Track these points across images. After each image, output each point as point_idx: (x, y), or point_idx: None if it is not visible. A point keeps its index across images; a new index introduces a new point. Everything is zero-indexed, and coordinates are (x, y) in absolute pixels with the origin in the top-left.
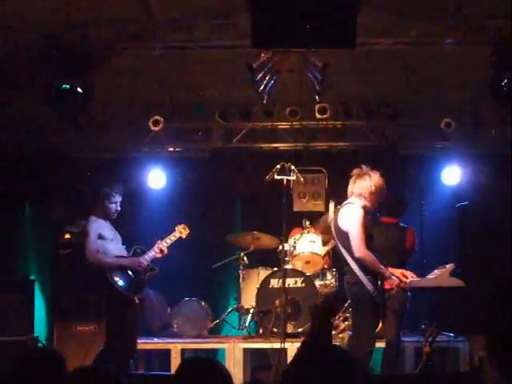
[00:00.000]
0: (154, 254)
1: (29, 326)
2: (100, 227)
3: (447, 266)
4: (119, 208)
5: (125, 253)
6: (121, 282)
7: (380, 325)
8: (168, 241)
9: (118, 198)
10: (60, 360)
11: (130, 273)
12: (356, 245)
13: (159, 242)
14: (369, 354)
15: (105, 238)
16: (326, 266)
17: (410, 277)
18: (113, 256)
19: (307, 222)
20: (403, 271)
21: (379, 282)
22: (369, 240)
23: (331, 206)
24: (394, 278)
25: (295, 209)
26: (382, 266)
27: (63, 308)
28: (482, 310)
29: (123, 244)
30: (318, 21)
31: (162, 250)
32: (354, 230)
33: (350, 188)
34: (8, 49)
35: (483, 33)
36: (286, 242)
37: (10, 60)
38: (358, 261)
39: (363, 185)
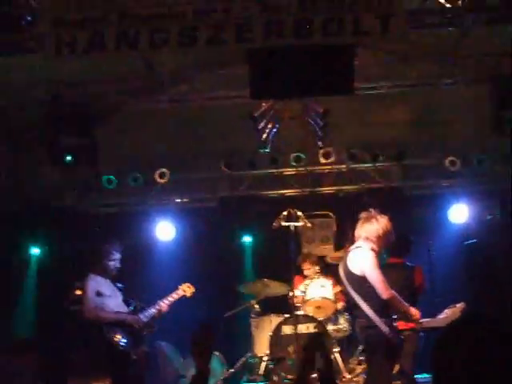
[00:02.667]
0: (153, 311)
1: None
2: (98, 284)
3: (457, 305)
4: (118, 265)
5: (124, 309)
6: (119, 338)
7: (397, 367)
8: (170, 299)
9: (117, 256)
10: None
11: (127, 329)
12: (381, 287)
13: (160, 300)
14: None
15: (103, 295)
16: (341, 305)
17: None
18: (111, 311)
19: (316, 267)
20: (416, 311)
21: (394, 324)
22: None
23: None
24: (417, 312)
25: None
26: (407, 304)
27: (77, 364)
28: None
29: (131, 298)
30: (315, 69)
31: (162, 308)
32: (373, 273)
33: (357, 231)
34: (13, 109)
35: (482, 71)
36: (292, 290)
37: (15, 120)
38: (372, 304)
39: (370, 228)
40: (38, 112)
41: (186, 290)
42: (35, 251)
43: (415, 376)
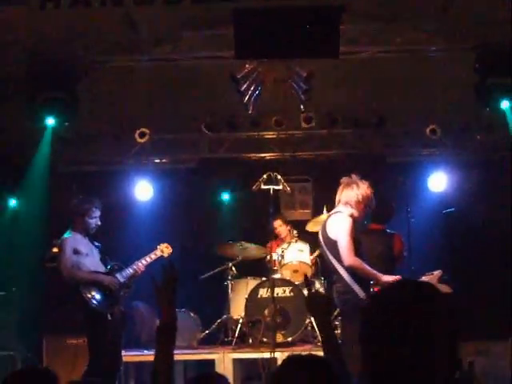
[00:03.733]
0: (131, 271)
1: (15, 340)
2: (76, 242)
3: (435, 272)
4: (99, 223)
5: (102, 268)
6: (95, 298)
7: None
8: (147, 259)
9: (98, 213)
10: (54, 378)
11: (104, 289)
12: (345, 253)
13: (137, 260)
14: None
15: (80, 253)
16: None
17: None
18: (88, 271)
19: (295, 231)
20: (394, 277)
21: (371, 290)
22: (357, 247)
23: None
24: (389, 278)
25: None
26: (374, 271)
27: (52, 321)
28: (469, 315)
29: (107, 256)
30: (301, 31)
31: (139, 268)
32: (343, 238)
33: (337, 196)
34: None
35: (467, 39)
36: (270, 253)
37: None
38: (348, 269)
39: (350, 194)
40: (17, 67)
41: (164, 250)
42: (12, 202)
43: None
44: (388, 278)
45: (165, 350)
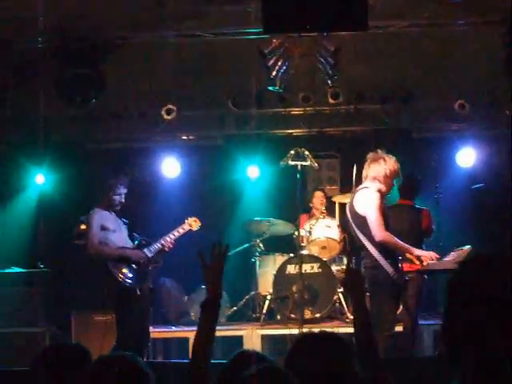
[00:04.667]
0: (159, 246)
1: (43, 317)
2: (103, 218)
3: (464, 248)
4: (123, 200)
5: (129, 244)
6: (124, 274)
7: (400, 308)
8: (175, 233)
9: (123, 190)
10: (85, 354)
11: (132, 264)
12: (376, 228)
13: (166, 234)
14: (389, 338)
15: (108, 229)
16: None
17: (434, 257)
18: (115, 247)
19: (323, 207)
20: (427, 252)
21: (399, 265)
22: (386, 222)
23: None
24: (422, 252)
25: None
26: (406, 245)
27: (80, 298)
28: None
29: (135, 233)
30: (329, 4)
31: (168, 243)
32: (372, 214)
33: (364, 172)
34: (21, 41)
35: (496, 13)
36: (299, 228)
37: (23, 52)
38: (378, 244)
39: (378, 168)
40: (43, 46)
41: (193, 224)
42: (40, 180)
43: (418, 319)
44: (421, 253)
45: (207, 326)
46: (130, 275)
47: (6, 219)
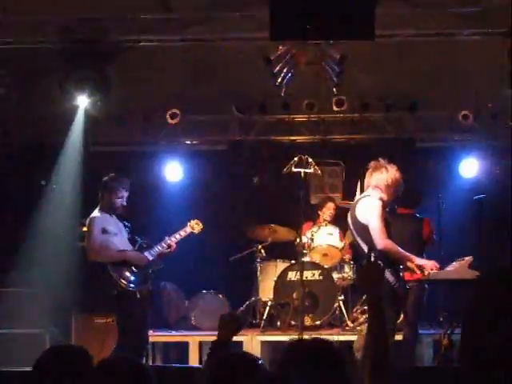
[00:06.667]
0: (160, 248)
1: (43, 319)
2: (104, 221)
3: (466, 258)
4: (125, 203)
5: (130, 247)
6: (124, 278)
7: (401, 317)
8: (177, 236)
9: (125, 194)
10: (86, 356)
11: (133, 267)
12: (378, 236)
13: (167, 237)
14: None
15: (109, 232)
16: (347, 257)
17: (435, 267)
18: (116, 250)
19: (330, 219)
20: (429, 261)
21: (400, 274)
22: (388, 231)
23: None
24: (423, 261)
25: (312, 202)
26: (407, 253)
27: (81, 300)
28: None
29: (137, 236)
30: (336, 12)
31: (170, 246)
32: (374, 222)
33: (366, 180)
34: (29, 42)
35: (501, 24)
36: (301, 235)
37: (31, 53)
38: (378, 253)
39: (380, 177)
40: (49, 48)
41: (195, 226)
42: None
43: (418, 328)
44: (422, 262)
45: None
46: (131, 278)
47: None
